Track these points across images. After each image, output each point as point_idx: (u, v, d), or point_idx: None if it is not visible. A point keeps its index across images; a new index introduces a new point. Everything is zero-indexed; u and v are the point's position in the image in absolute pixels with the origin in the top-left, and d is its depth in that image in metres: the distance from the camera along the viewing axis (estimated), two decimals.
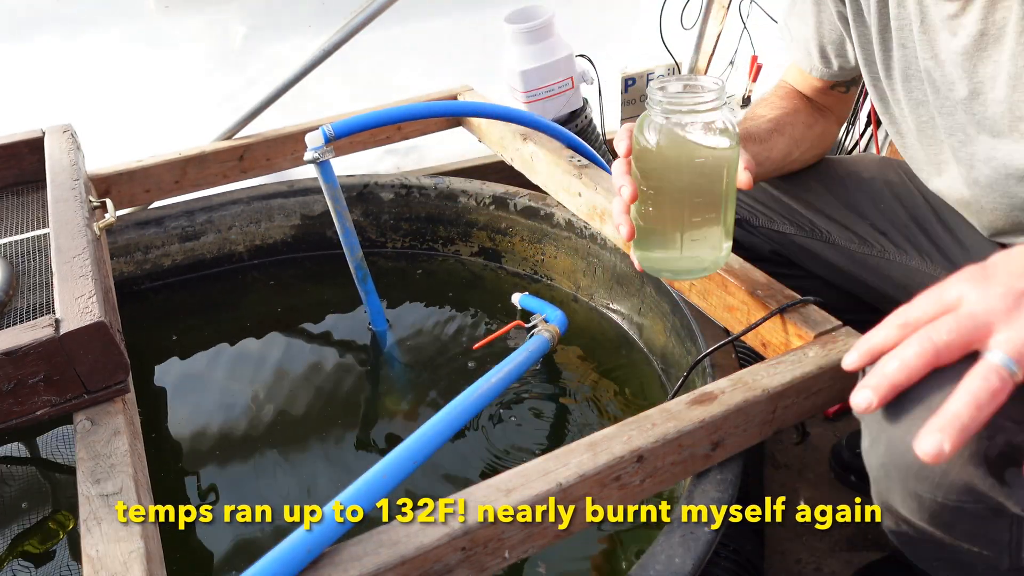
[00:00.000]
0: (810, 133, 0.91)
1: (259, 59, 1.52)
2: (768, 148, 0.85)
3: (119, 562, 0.52)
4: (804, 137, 0.90)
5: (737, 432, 0.68)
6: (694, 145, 0.66)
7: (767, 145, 0.85)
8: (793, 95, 0.93)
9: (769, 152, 0.85)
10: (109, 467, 0.60)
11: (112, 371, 0.66)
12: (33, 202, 1.00)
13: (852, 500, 1.26)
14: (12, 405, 0.63)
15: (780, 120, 0.88)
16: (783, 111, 0.89)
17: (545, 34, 1.36)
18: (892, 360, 0.45)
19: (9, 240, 0.89)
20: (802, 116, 0.91)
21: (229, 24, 1.51)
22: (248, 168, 1.27)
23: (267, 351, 1.17)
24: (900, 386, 0.45)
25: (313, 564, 0.53)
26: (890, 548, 0.93)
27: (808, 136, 0.90)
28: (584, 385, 1.08)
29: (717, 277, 0.83)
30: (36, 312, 0.75)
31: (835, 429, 1.19)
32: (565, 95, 1.41)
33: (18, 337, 0.62)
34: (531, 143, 1.18)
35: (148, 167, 1.20)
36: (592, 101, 1.53)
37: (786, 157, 0.88)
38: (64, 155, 0.99)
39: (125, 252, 1.28)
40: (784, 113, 0.89)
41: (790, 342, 0.76)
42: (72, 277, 0.71)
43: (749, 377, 0.68)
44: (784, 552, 0.96)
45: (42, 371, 0.63)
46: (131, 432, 0.65)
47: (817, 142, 0.93)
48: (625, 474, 0.62)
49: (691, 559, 0.61)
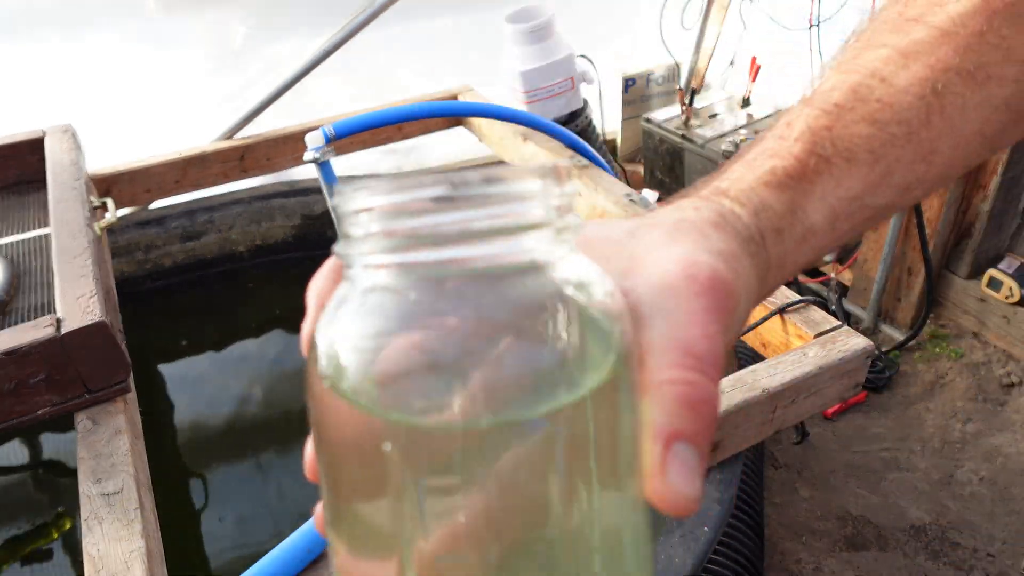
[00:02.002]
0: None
1: (259, 59, 1.52)
2: (916, 151, 0.30)
3: (120, 561, 0.52)
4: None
5: (737, 432, 0.68)
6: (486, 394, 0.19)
7: (915, 145, 0.30)
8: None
9: (922, 160, 0.30)
10: (110, 466, 0.60)
11: (113, 371, 0.66)
12: (34, 202, 1.00)
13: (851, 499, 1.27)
14: (13, 405, 0.64)
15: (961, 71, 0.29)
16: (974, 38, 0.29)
17: (545, 34, 1.36)
18: None
19: (10, 240, 0.89)
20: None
21: (229, 24, 1.51)
22: (249, 168, 1.27)
23: (267, 351, 1.17)
24: None
25: (313, 564, 0.53)
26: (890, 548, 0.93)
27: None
28: None
29: None
30: (37, 312, 0.75)
31: (835, 429, 1.19)
32: (565, 95, 1.41)
33: (19, 337, 0.62)
34: (531, 143, 1.18)
35: (149, 167, 1.20)
36: (592, 101, 1.53)
37: (962, 167, 0.32)
38: (65, 155, 1.00)
39: (126, 252, 1.28)
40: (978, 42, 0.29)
41: (790, 342, 0.76)
42: (73, 277, 0.71)
43: (749, 377, 0.68)
44: (784, 552, 0.96)
45: (43, 371, 0.63)
46: (132, 432, 0.65)
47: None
48: None
49: (691, 559, 0.61)
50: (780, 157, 0.29)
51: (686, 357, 0.21)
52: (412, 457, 0.18)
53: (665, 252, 0.24)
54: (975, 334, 1.71)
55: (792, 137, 0.29)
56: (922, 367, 1.67)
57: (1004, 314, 1.64)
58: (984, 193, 1.60)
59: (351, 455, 0.20)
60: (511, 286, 0.19)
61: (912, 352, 1.71)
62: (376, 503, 0.19)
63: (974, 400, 1.57)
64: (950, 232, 1.68)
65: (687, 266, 0.23)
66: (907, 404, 1.58)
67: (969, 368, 1.64)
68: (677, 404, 0.20)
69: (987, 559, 1.25)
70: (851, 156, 0.29)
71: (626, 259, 0.24)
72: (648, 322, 0.22)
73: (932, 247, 1.64)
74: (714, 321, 0.22)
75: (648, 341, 0.21)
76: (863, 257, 1.78)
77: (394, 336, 0.19)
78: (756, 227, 0.27)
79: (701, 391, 0.21)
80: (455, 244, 0.18)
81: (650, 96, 2.01)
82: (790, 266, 0.29)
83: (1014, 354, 1.63)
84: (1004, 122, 0.30)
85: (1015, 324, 1.62)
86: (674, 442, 0.20)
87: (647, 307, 0.22)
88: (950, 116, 0.29)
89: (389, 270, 0.19)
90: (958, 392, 1.60)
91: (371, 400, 0.18)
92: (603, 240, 0.25)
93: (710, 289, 0.23)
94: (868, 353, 0.71)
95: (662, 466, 0.20)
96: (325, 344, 0.20)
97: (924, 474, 1.41)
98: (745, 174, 0.29)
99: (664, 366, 0.21)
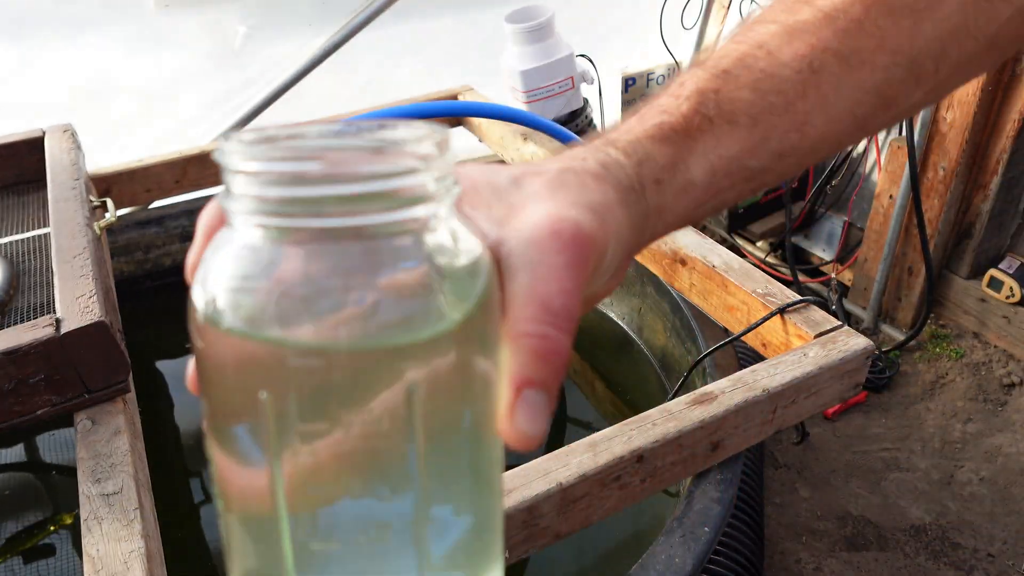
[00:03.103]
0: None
1: (259, 59, 1.51)
2: (792, 121, 0.32)
3: (120, 561, 0.52)
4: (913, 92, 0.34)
5: (737, 432, 0.68)
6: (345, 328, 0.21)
7: (791, 115, 0.32)
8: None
9: (796, 130, 0.33)
10: (110, 467, 0.60)
11: (113, 370, 0.66)
12: (33, 201, 1.00)
13: (851, 499, 1.27)
14: (13, 405, 0.63)
15: (840, 45, 0.32)
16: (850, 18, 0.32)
17: (545, 34, 1.36)
18: None
19: (9, 239, 0.89)
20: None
21: (229, 24, 1.51)
22: None
23: None
24: None
25: None
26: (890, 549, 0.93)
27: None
28: (584, 385, 1.08)
29: (717, 277, 0.83)
30: (36, 312, 0.75)
31: (835, 429, 1.19)
32: (565, 95, 1.41)
33: (19, 337, 0.62)
34: (531, 143, 1.18)
35: (148, 167, 1.20)
36: (592, 101, 1.53)
37: (834, 144, 0.34)
38: (64, 155, 1.00)
39: (126, 251, 1.28)
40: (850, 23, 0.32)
41: (790, 342, 0.76)
42: (72, 277, 0.71)
43: (749, 377, 0.68)
44: (784, 552, 0.96)
45: (43, 371, 0.63)
46: (132, 432, 0.65)
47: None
48: (625, 474, 0.62)
49: (691, 559, 0.61)
50: (669, 113, 0.31)
51: (543, 312, 0.23)
52: (276, 380, 0.20)
53: (540, 206, 0.26)
54: (975, 334, 1.71)
55: (683, 96, 0.32)
56: (922, 367, 1.67)
57: (1004, 314, 1.64)
58: (985, 193, 1.60)
59: (224, 378, 0.22)
60: (381, 246, 0.21)
61: (912, 352, 1.71)
62: (246, 423, 0.21)
63: (974, 400, 1.57)
64: (951, 232, 1.67)
65: (554, 222, 0.25)
66: (907, 404, 1.58)
67: (969, 368, 1.64)
68: (529, 355, 0.23)
69: (987, 559, 1.25)
70: (733, 119, 0.31)
71: (505, 207, 0.26)
72: (514, 274, 0.24)
73: (933, 247, 1.64)
74: (572, 277, 0.24)
75: (512, 292, 0.24)
76: (863, 257, 1.78)
77: (264, 279, 0.21)
78: (638, 176, 0.30)
79: (552, 343, 0.23)
80: (328, 212, 0.20)
81: (650, 96, 2.01)
82: (670, 216, 0.31)
83: (1014, 354, 1.63)
84: (874, 105, 0.33)
85: (1015, 324, 1.62)
86: (524, 388, 0.23)
87: (515, 259, 0.24)
88: (825, 93, 0.32)
89: (263, 229, 0.21)
90: (958, 392, 1.59)
91: (241, 328, 0.21)
92: (487, 186, 0.27)
93: (572, 245, 0.25)
94: (868, 353, 0.71)
95: (511, 409, 0.23)
96: (203, 278, 0.23)
97: (924, 474, 1.41)
98: (635, 126, 0.31)
99: (522, 319, 0.23)
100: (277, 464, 0.21)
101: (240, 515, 0.23)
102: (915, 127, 1.56)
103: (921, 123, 1.57)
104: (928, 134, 1.58)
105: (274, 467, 0.21)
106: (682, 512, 0.66)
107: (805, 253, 2.00)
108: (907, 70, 0.32)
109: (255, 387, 0.21)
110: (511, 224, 0.25)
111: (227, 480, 0.23)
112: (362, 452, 0.21)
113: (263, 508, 0.22)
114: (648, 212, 0.30)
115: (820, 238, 1.96)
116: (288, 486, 0.21)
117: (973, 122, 1.51)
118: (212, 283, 0.22)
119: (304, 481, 0.21)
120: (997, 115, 1.52)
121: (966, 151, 1.55)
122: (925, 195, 1.63)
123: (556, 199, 0.26)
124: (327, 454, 0.21)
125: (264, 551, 0.23)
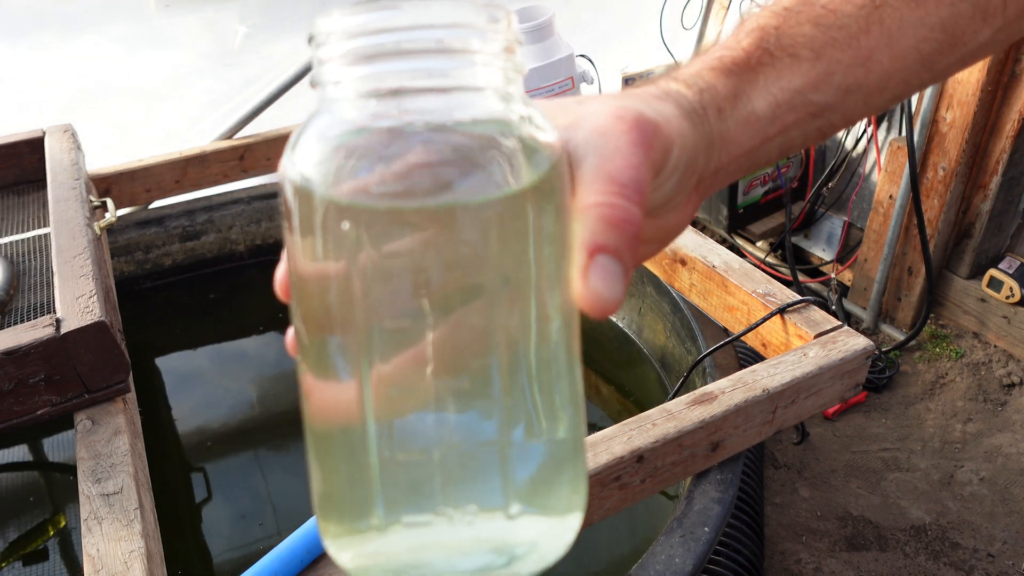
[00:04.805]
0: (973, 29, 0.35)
1: (258, 58, 1.51)
2: (856, 55, 0.32)
3: (119, 561, 0.52)
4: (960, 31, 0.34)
5: (737, 432, 0.68)
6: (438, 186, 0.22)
7: (854, 50, 0.32)
8: None
9: (861, 65, 0.33)
10: (110, 466, 0.60)
11: (113, 371, 0.66)
12: (33, 201, 1.00)
13: (851, 499, 1.27)
14: (13, 405, 0.63)
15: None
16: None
17: (545, 34, 1.36)
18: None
19: (10, 239, 0.89)
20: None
21: (229, 23, 1.51)
22: (248, 168, 1.27)
23: (267, 350, 1.17)
24: None
25: (313, 564, 0.53)
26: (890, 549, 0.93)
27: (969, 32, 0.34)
28: (584, 385, 1.08)
29: (717, 277, 0.83)
30: (37, 312, 0.75)
31: (835, 429, 1.19)
32: (565, 95, 1.41)
33: (19, 337, 0.62)
34: None
35: (148, 167, 1.20)
36: None
37: (901, 83, 0.34)
38: (64, 155, 0.99)
39: (126, 251, 1.28)
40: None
41: (790, 342, 0.76)
42: (73, 277, 0.71)
43: (749, 377, 0.68)
44: (784, 552, 0.96)
45: (43, 371, 0.63)
46: (131, 431, 0.65)
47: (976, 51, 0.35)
48: (625, 474, 0.62)
49: (691, 559, 0.61)
50: (730, 49, 0.32)
51: (610, 184, 0.24)
52: (371, 239, 0.21)
53: (602, 106, 0.27)
54: (975, 334, 1.71)
55: (744, 33, 0.32)
56: (922, 367, 1.67)
57: (1004, 314, 1.64)
58: (984, 193, 1.60)
59: (314, 260, 0.22)
60: (462, 110, 0.22)
61: (912, 352, 1.71)
62: (336, 325, 0.22)
63: (974, 400, 1.57)
64: (950, 232, 1.67)
65: (616, 110, 0.26)
66: (907, 404, 1.58)
67: (969, 368, 1.64)
68: (600, 223, 0.23)
69: (987, 559, 1.25)
70: (794, 52, 0.31)
71: (571, 116, 0.27)
72: (582, 161, 0.25)
73: (932, 247, 1.64)
74: (637, 153, 0.25)
75: (580, 175, 0.24)
76: (863, 257, 1.78)
77: (353, 148, 0.22)
78: (699, 102, 0.30)
79: (622, 212, 0.24)
80: (409, 57, 0.21)
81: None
82: (734, 147, 0.31)
83: (1014, 354, 1.63)
84: (940, 42, 0.33)
85: (1015, 324, 1.62)
86: (597, 253, 0.23)
87: (582, 148, 0.25)
88: (888, 28, 0.32)
89: (351, 100, 0.22)
90: (958, 392, 1.59)
91: (331, 190, 0.21)
92: (554, 105, 0.28)
93: (634, 127, 0.25)
94: (868, 353, 0.71)
95: (585, 272, 0.23)
96: (296, 157, 0.22)
97: (924, 474, 1.41)
98: (695, 62, 0.32)
99: (591, 193, 0.24)
100: (366, 363, 0.21)
101: (327, 430, 0.23)
102: (915, 127, 1.56)
103: (921, 123, 1.57)
104: (928, 134, 1.58)
105: (362, 366, 0.21)
106: (682, 512, 0.66)
107: (805, 253, 2.00)
108: (973, 5, 0.32)
109: (347, 254, 0.21)
110: (577, 126, 0.26)
111: (316, 395, 0.24)
112: (449, 350, 0.22)
113: (351, 418, 0.22)
114: (712, 137, 0.30)
115: (820, 238, 1.96)
116: (375, 391, 0.21)
117: (973, 122, 1.51)
118: (304, 158, 0.22)
119: (392, 385, 0.22)
120: (997, 115, 1.52)
121: (966, 151, 1.55)
122: (925, 195, 1.63)
123: (619, 100, 0.27)
124: (413, 356, 0.21)
125: (351, 467, 0.23)
